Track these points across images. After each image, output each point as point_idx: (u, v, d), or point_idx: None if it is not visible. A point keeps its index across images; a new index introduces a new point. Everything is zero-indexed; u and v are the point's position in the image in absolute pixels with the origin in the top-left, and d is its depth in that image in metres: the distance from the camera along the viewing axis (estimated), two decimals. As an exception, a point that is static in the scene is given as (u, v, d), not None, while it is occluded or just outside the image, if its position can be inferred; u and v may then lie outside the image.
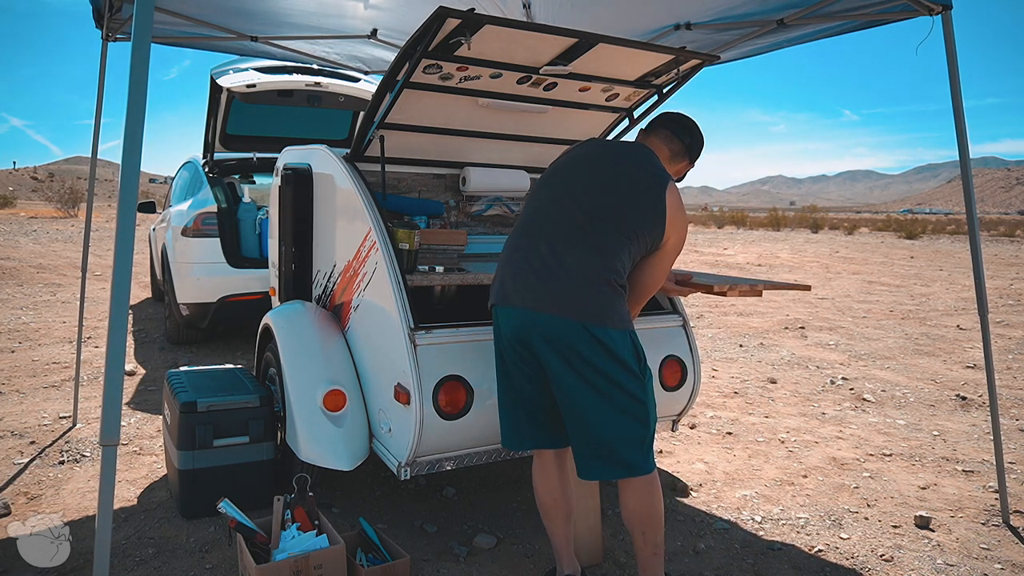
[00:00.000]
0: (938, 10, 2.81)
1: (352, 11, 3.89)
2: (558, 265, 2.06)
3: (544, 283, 2.05)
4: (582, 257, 2.05)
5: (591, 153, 2.27)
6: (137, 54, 1.83)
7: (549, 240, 2.11)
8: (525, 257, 2.12)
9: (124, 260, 1.83)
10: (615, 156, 2.23)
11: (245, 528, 2.26)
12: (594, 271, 2.04)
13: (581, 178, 2.19)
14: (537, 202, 2.22)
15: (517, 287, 2.09)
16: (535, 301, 2.05)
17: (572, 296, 2.02)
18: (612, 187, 2.14)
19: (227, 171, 5.83)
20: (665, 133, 2.33)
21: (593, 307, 2.01)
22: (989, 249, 21.98)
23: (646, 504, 2.08)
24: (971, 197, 2.96)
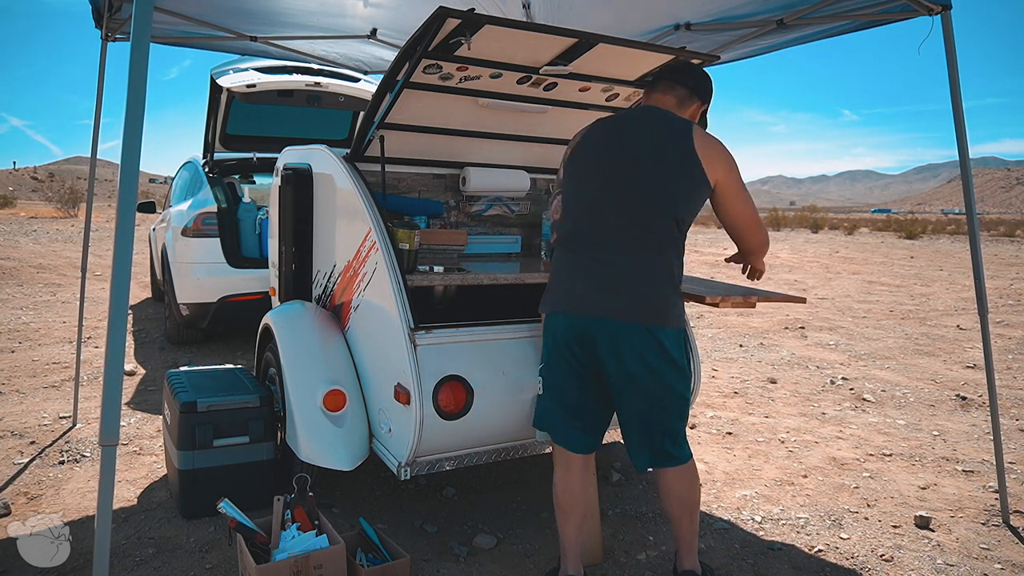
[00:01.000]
0: (938, 10, 2.81)
1: (352, 11, 3.89)
2: (621, 271, 2.10)
3: (609, 290, 2.10)
4: (642, 259, 2.10)
5: (612, 142, 2.21)
6: (136, 54, 1.83)
7: (605, 246, 2.13)
8: (586, 266, 2.14)
9: (123, 260, 1.83)
10: (636, 135, 2.19)
11: (245, 528, 2.26)
12: (654, 272, 2.11)
13: (615, 173, 2.16)
14: (578, 207, 2.21)
15: (581, 295, 2.13)
16: (602, 308, 2.09)
17: (636, 300, 2.09)
18: (647, 174, 2.13)
19: (227, 171, 5.83)
20: (665, 84, 2.32)
21: (654, 309, 2.09)
22: (989, 249, 21.98)
23: (692, 489, 2.23)
24: (971, 197, 2.96)
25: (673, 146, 2.14)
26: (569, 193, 2.25)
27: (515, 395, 2.56)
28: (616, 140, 2.21)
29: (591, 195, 2.19)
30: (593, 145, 2.24)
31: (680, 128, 2.18)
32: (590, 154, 2.24)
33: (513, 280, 2.83)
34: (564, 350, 2.18)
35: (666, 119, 2.22)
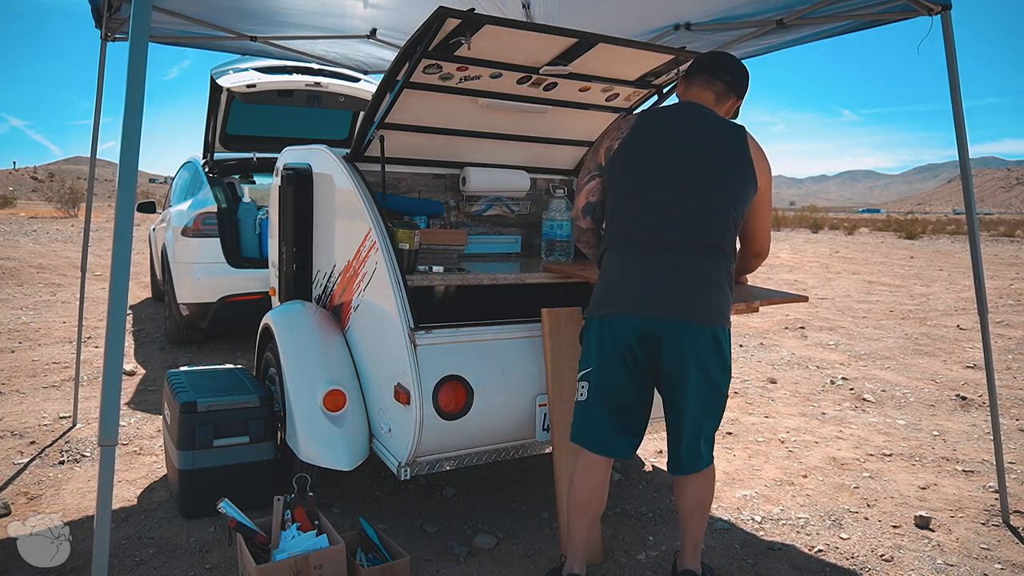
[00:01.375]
0: (937, 10, 2.81)
1: (352, 11, 3.89)
2: (687, 271, 2.06)
3: (677, 290, 2.05)
4: (707, 260, 2.07)
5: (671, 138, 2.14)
6: (135, 53, 1.83)
7: (671, 246, 2.07)
8: (651, 266, 2.08)
9: (122, 260, 1.83)
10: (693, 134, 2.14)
11: (245, 528, 2.26)
12: (718, 273, 2.08)
13: (679, 171, 2.10)
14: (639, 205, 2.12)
15: (647, 296, 2.06)
16: (669, 310, 2.05)
17: (703, 301, 2.06)
18: (711, 174, 2.10)
19: (227, 171, 5.83)
20: (703, 79, 2.26)
21: (715, 309, 2.08)
22: (989, 249, 21.98)
23: (709, 491, 2.26)
24: (971, 197, 2.96)
25: (733, 150, 2.14)
26: (625, 189, 2.16)
27: (515, 395, 2.56)
28: (675, 137, 2.14)
29: (654, 193, 2.11)
30: (649, 140, 2.15)
31: (736, 132, 2.17)
32: (647, 149, 2.14)
33: (513, 280, 2.83)
34: (624, 352, 2.10)
35: (720, 121, 2.19)
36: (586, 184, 2.28)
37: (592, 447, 2.18)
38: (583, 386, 2.20)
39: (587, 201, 2.27)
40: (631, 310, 2.08)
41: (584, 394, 2.19)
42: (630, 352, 2.10)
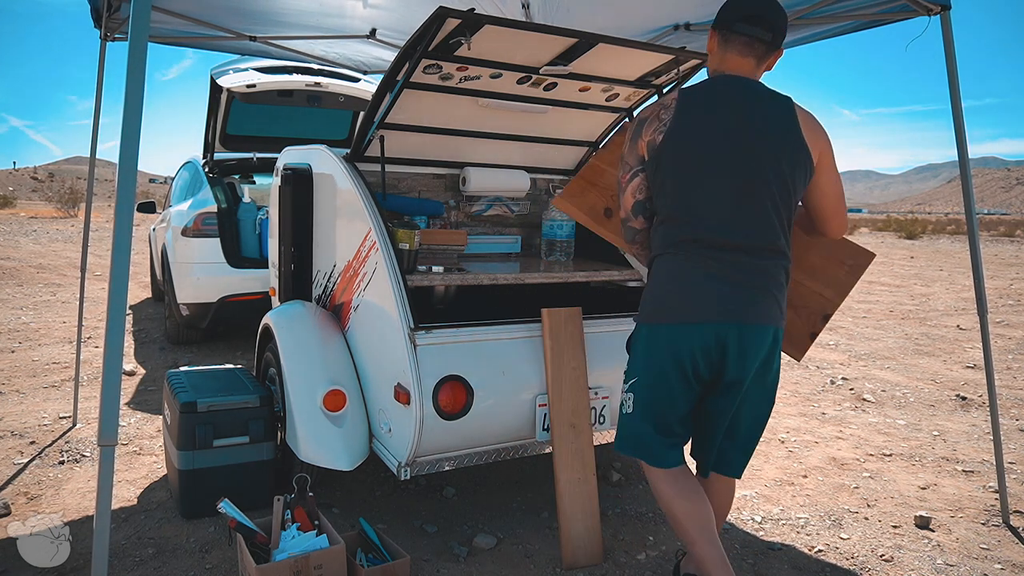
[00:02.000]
0: (937, 10, 2.81)
1: (351, 11, 3.89)
2: (756, 272, 1.95)
3: (746, 293, 1.94)
4: (771, 258, 1.97)
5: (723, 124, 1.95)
6: (134, 53, 1.83)
7: (736, 246, 1.94)
8: (717, 269, 1.94)
9: (122, 260, 1.83)
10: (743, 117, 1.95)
11: (245, 528, 2.26)
12: (781, 272, 1.99)
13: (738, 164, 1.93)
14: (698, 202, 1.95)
15: (715, 301, 1.93)
16: (739, 314, 1.93)
17: (770, 302, 1.97)
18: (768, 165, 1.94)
19: (227, 171, 5.83)
20: (741, 44, 2.00)
21: (777, 308, 2.00)
22: (989, 249, 21.98)
23: (732, 497, 2.28)
24: (970, 197, 2.96)
25: (785, 132, 1.96)
26: (676, 189, 1.97)
27: (515, 395, 2.56)
28: (725, 128, 1.95)
29: (708, 193, 1.94)
30: (696, 133, 1.95)
31: (785, 107, 1.98)
32: (696, 143, 1.95)
33: (513, 280, 2.83)
34: (684, 362, 1.96)
35: (768, 101, 1.98)
36: (629, 181, 2.09)
37: (661, 461, 2.05)
38: (629, 398, 2.07)
39: (635, 200, 2.09)
40: (695, 317, 1.94)
41: (630, 407, 2.06)
42: (691, 361, 1.96)
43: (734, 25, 2.00)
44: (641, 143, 2.04)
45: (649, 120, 2.03)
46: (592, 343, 2.67)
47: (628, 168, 2.10)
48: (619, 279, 3.19)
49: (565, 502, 2.52)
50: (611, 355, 2.73)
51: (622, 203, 2.14)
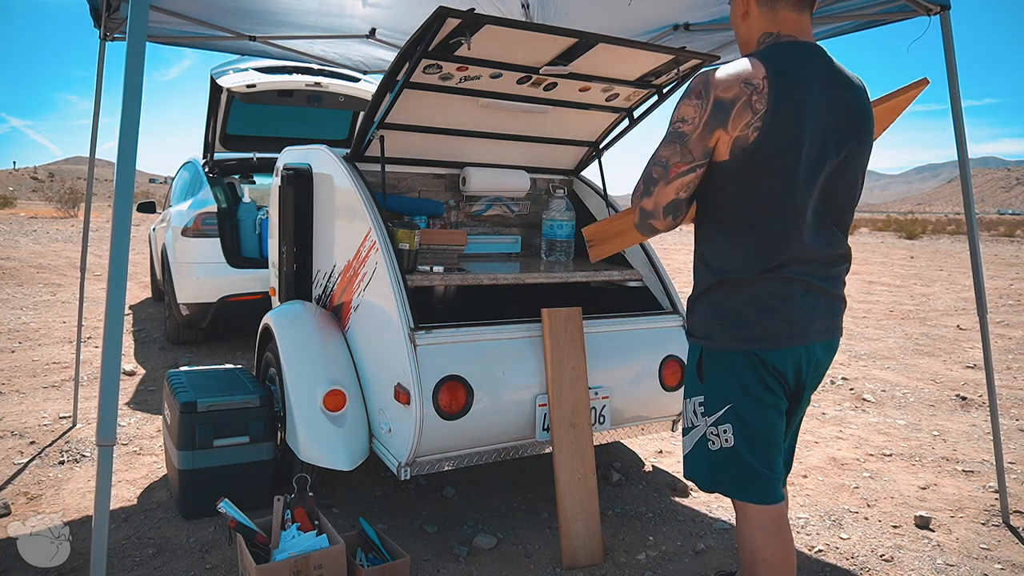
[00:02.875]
0: (936, 10, 2.81)
1: (351, 10, 3.89)
2: (836, 285, 1.79)
3: (828, 309, 1.78)
4: (843, 267, 1.81)
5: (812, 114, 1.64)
6: (132, 53, 1.83)
7: (822, 259, 1.74)
8: (806, 286, 1.72)
9: (120, 260, 1.83)
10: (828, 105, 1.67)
11: (245, 528, 2.26)
12: (846, 276, 1.84)
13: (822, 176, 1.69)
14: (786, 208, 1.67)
15: (805, 321, 1.74)
16: (825, 332, 1.78)
17: (842, 313, 1.84)
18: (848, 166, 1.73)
19: (227, 171, 5.84)
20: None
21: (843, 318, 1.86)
22: (989, 249, 21.99)
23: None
24: (970, 197, 2.96)
25: (865, 124, 1.74)
26: (768, 198, 1.67)
27: (515, 395, 2.56)
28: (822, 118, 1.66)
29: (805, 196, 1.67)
30: (797, 124, 1.63)
31: (863, 93, 1.75)
32: (798, 138, 1.63)
33: (513, 280, 2.83)
34: (778, 385, 1.76)
35: (848, 79, 1.73)
36: (684, 174, 1.70)
37: (768, 497, 1.78)
38: (724, 431, 1.77)
39: (676, 197, 1.72)
40: (792, 340, 1.73)
41: (729, 440, 1.77)
42: (783, 382, 1.77)
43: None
44: (724, 135, 1.64)
45: (739, 107, 1.61)
46: (592, 343, 2.67)
47: (689, 159, 1.68)
48: (619, 279, 3.19)
49: (565, 502, 2.52)
50: (611, 355, 2.74)
51: (656, 193, 1.73)
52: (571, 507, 2.53)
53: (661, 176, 1.72)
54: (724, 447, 1.78)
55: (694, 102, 1.66)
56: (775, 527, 1.78)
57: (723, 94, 1.62)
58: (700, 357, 1.83)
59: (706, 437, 1.81)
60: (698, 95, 1.66)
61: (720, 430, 1.78)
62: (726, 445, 1.78)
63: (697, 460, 1.84)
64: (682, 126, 1.68)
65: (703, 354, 1.82)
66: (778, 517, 1.79)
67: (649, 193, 1.74)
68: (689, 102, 1.67)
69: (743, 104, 1.61)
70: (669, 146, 1.70)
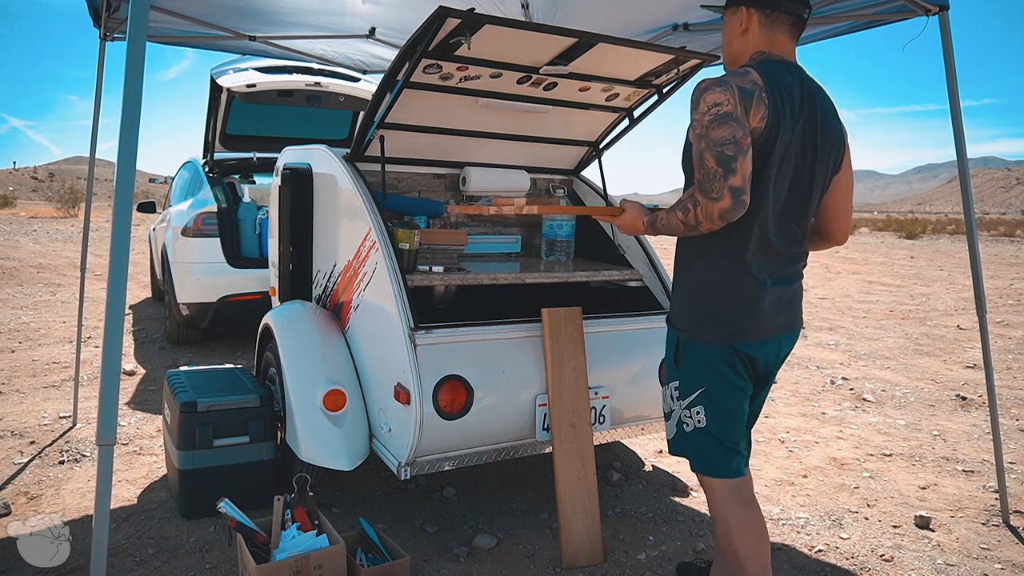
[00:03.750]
0: (935, 11, 2.81)
1: (351, 9, 3.89)
2: (797, 280, 1.97)
3: (794, 303, 1.96)
4: (801, 263, 1.97)
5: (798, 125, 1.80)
6: (132, 53, 1.83)
7: (793, 256, 1.91)
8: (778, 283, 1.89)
9: (120, 260, 1.83)
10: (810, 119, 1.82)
11: (245, 528, 2.26)
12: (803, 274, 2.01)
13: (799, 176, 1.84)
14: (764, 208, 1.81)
15: (778, 315, 1.90)
16: (790, 324, 1.96)
17: (801, 306, 2.01)
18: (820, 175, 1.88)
19: (227, 171, 5.84)
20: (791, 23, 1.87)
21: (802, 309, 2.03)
22: (989, 249, 21.99)
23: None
24: (969, 197, 2.96)
25: (837, 134, 1.88)
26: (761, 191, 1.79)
27: (515, 395, 2.56)
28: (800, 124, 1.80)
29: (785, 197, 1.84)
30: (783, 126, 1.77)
31: (832, 105, 1.90)
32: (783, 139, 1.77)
33: (513, 280, 2.83)
34: (748, 372, 1.93)
35: (822, 92, 1.88)
36: (752, 146, 1.74)
37: (733, 471, 1.93)
38: (697, 413, 1.93)
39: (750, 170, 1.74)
40: (766, 334, 1.90)
41: (702, 421, 1.93)
42: (752, 373, 1.95)
43: (781, 3, 1.85)
44: (752, 117, 1.75)
45: (756, 98, 1.74)
46: (592, 343, 2.67)
47: (745, 130, 1.71)
48: (619, 279, 3.19)
49: (565, 502, 2.52)
50: (611, 355, 2.74)
51: (739, 168, 1.70)
52: (571, 507, 2.53)
53: (737, 151, 1.70)
54: (697, 427, 1.94)
55: (719, 89, 1.73)
56: (742, 500, 1.93)
57: (742, 84, 1.73)
58: (677, 344, 1.97)
59: (682, 420, 1.98)
60: (719, 84, 1.74)
61: (693, 412, 1.94)
62: (699, 426, 1.94)
63: (678, 443, 2.02)
64: (721, 107, 1.71)
65: (680, 342, 1.96)
66: (744, 490, 1.94)
67: (733, 171, 1.70)
68: (714, 91, 1.73)
69: (758, 97, 1.73)
70: (722, 127, 1.71)
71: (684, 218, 1.81)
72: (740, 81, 1.74)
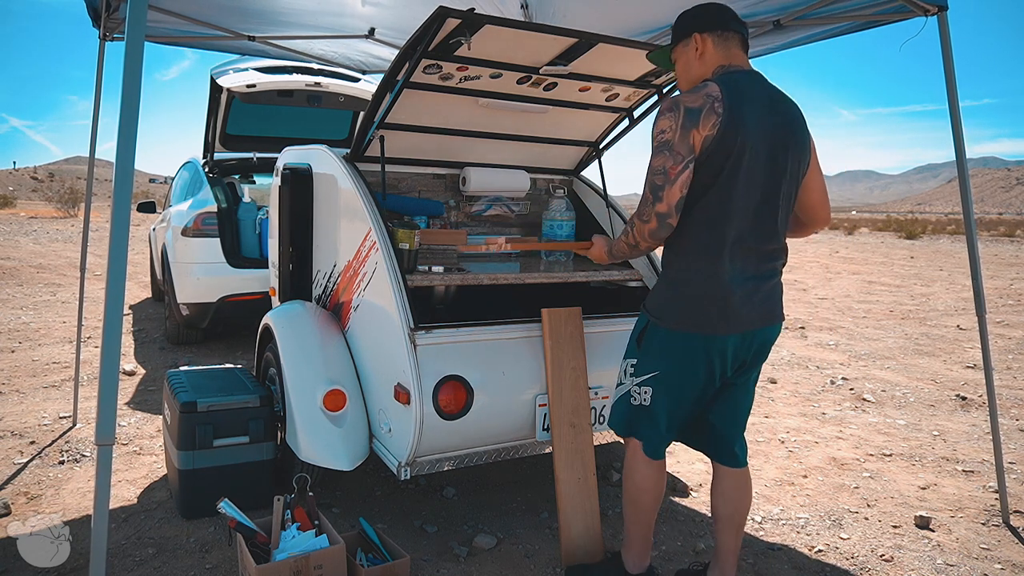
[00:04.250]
0: (934, 11, 2.81)
1: (350, 10, 3.89)
2: (773, 276, 2.09)
3: (769, 297, 2.08)
4: (780, 260, 2.10)
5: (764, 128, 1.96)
6: (131, 53, 1.83)
7: (769, 253, 2.04)
8: (750, 278, 2.02)
9: (119, 260, 1.83)
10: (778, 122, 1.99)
11: (245, 528, 2.26)
12: (783, 267, 2.13)
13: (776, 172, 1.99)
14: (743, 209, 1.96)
15: (744, 311, 2.01)
16: (766, 318, 2.07)
17: (781, 300, 2.14)
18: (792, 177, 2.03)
19: (227, 171, 5.84)
20: (739, 40, 2.08)
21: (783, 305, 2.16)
22: (989, 249, 21.99)
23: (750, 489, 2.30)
24: (968, 197, 2.96)
25: (801, 133, 2.04)
26: (729, 190, 1.94)
27: (515, 395, 2.56)
28: (765, 123, 1.96)
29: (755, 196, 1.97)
30: (748, 131, 1.92)
31: (796, 108, 2.05)
32: (746, 138, 1.92)
33: (513, 280, 2.83)
34: (715, 365, 2.06)
35: (784, 96, 2.04)
36: (680, 173, 1.92)
37: (657, 454, 2.18)
38: (645, 392, 2.12)
39: (681, 195, 1.94)
40: (733, 328, 2.01)
41: (647, 400, 2.12)
42: (720, 363, 2.06)
43: (729, 24, 2.07)
44: (696, 134, 1.91)
45: (705, 111, 1.91)
46: (592, 343, 2.67)
47: (680, 158, 1.92)
48: (619, 279, 3.19)
49: (565, 502, 2.52)
50: (611, 355, 2.73)
51: (665, 197, 1.94)
52: (571, 507, 2.53)
53: (664, 181, 1.95)
54: (642, 404, 2.15)
55: (668, 115, 1.96)
56: (655, 471, 2.20)
57: (691, 104, 1.93)
58: (645, 327, 2.14)
59: (630, 393, 2.17)
60: (670, 109, 1.96)
61: (642, 390, 2.14)
62: (644, 404, 2.14)
63: (618, 411, 2.23)
64: (663, 135, 1.96)
65: (648, 325, 2.12)
66: (660, 468, 2.20)
67: (660, 199, 1.96)
68: (664, 117, 1.97)
69: (708, 109, 1.92)
70: (659, 156, 1.96)
71: (627, 240, 2.10)
72: (690, 101, 1.93)
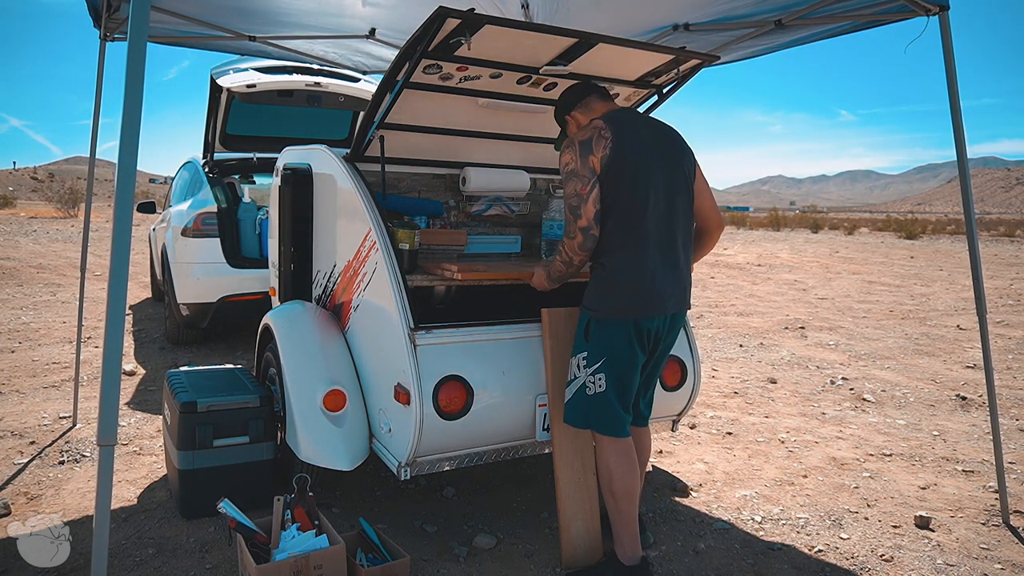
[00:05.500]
0: (935, 11, 2.81)
1: (351, 10, 3.89)
2: (685, 267, 2.42)
3: (682, 285, 2.41)
4: (688, 255, 2.44)
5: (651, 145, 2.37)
6: (133, 53, 1.83)
7: (675, 246, 2.37)
8: (664, 270, 2.34)
9: (121, 260, 1.83)
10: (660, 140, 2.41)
11: (245, 528, 2.26)
12: (691, 262, 2.48)
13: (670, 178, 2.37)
14: (647, 211, 2.31)
15: (665, 295, 2.34)
16: (680, 303, 2.41)
17: (689, 288, 2.46)
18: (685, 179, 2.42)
19: (227, 171, 5.83)
20: (598, 95, 2.54)
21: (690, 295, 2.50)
22: (989, 249, 21.99)
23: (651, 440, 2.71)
24: (969, 197, 2.96)
25: (682, 145, 2.46)
26: (631, 195, 2.30)
27: (515, 395, 2.56)
28: (648, 140, 2.37)
29: (655, 196, 2.33)
30: (636, 147, 2.33)
31: (672, 128, 2.48)
32: (639, 156, 2.32)
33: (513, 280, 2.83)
34: (645, 345, 2.36)
35: (658, 121, 2.51)
36: (591, 191, 2.31)
37: (622, 432, 2.38)
38: (599, 379, 2.35)
39: (596, 209, 2.31)
40: (657, 311, 2.33)
41: (602, 386, 2.35)
42: (642, 346, 2.36)
43: (584, 96, 2.53)
44: (593, 158, 2.31)
45: (595, 139, 2.32)
46: (592, 343, 2.67)
47: (586, 180, 2.31)
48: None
49: (565, 502, 2.52)
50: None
51: (583, 213, 2.31)
52: (571, 507, 2.53)
53: (579, 202, 2.31)
54: (598, 392, 2.35)
55: (568, 151, 2.37)
56: (625, 453, 2.37)
57: (583, 137, 2.34)
58: (588, 323, 2.38)
59: (585, 385, 2.38)
60: (568, 146, 2.37)
61: (596, 378, 2.35)
62: (599, 390, 2.35)
63: (575, 405, 2.42)
64: (569, 166, 2.35)
65: (591, 320, 2.37)
66: (627, 447, 2.38)
67: (579, 216, 2.32)
68: (565, 152, 2.37)
69: (597, 136, 2.32)
70: (570, 183, 2.34)
71: (561, 259, 2.40)
72: (582, 135, 2.35)
